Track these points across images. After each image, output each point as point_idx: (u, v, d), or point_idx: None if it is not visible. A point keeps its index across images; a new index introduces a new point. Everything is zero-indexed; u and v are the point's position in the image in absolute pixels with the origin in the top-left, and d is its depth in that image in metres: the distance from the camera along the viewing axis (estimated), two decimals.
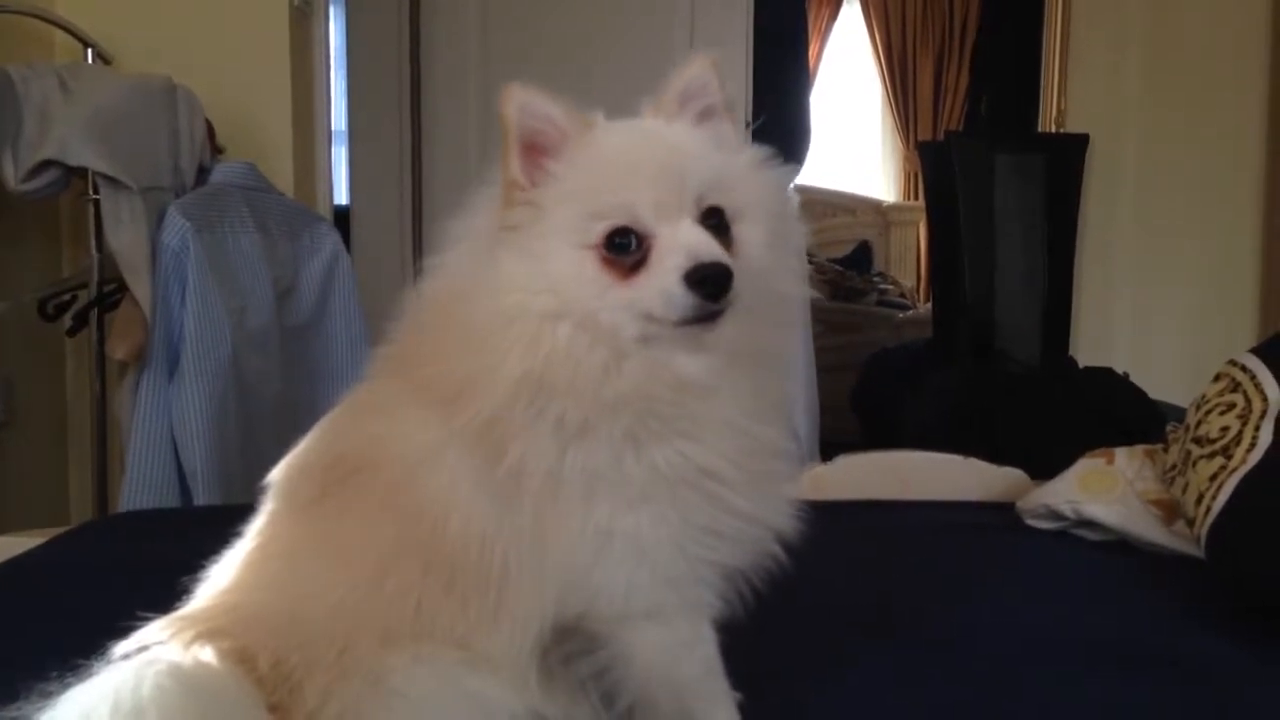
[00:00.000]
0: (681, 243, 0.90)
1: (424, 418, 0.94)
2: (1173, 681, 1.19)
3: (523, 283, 0.92)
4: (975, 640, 1.30)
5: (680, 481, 0.92)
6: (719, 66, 1.01)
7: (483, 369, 0.91)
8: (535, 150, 0.94)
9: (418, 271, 1.01)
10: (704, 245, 0.90)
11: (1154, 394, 3.26)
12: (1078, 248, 3.91)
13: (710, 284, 0.89)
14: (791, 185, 1.11)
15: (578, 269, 0.91)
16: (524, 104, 0.93)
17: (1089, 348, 3.90)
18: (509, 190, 0.94)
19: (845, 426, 4.41)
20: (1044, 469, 1.93)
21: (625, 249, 0.91)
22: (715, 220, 0.94)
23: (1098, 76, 3.97)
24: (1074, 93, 3.97)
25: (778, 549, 0.99)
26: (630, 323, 0.91)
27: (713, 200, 0.94)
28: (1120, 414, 3.10)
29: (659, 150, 0.96)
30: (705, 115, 1.00)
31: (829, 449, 2.72)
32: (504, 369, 0.90)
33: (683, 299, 0.89)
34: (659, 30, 3.77)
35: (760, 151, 1.01)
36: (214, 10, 2.95)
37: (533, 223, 0.93)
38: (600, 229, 0.91)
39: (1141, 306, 4.02)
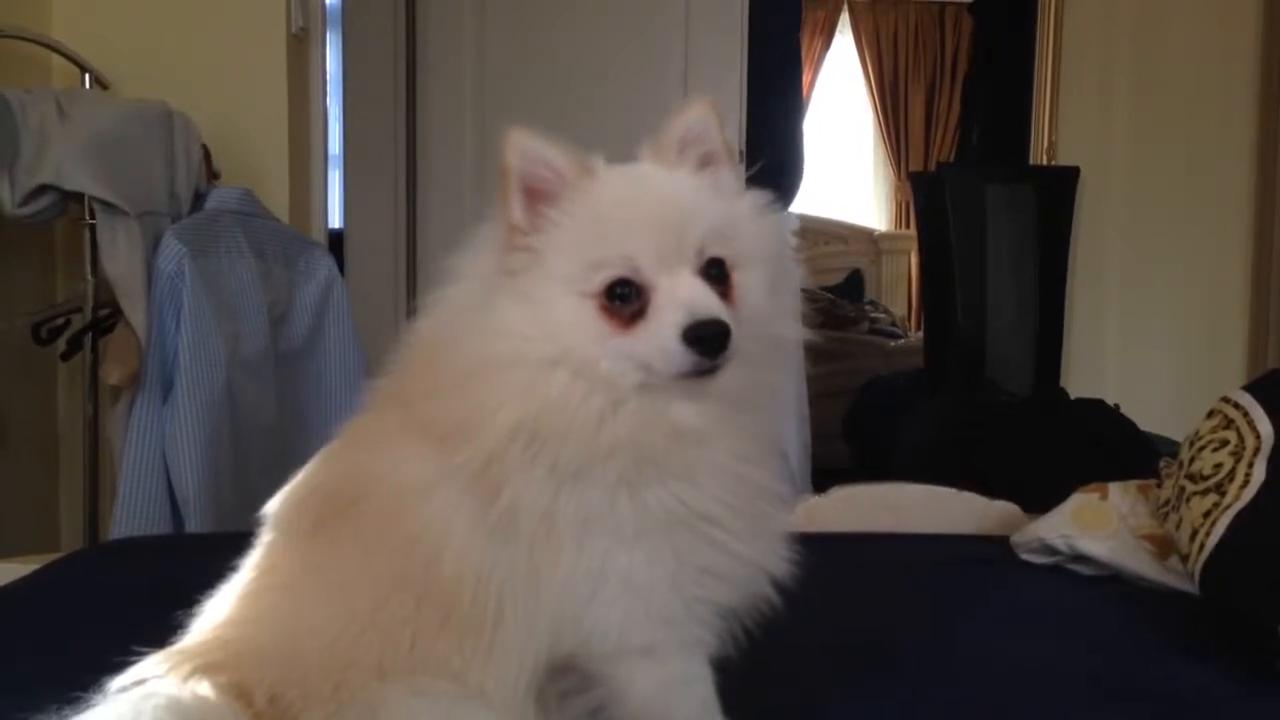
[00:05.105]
0: (681, 298, 0.90)
1: (418, 452, 0.94)
2: (1168, 714, 1.20)
3: (520, 329, 0.91)
4: (974, 673, 1.30)
5: (675, 523, 0.92)
6: (718, 108, 1.01)
7: (477, 412, 0.91)
8: (536, 196, 0.93)
9: (411, 297, 1.01)
10: (703, 301, 0.90)
11: (1144, 426, 3.27)
12: (1068, 279, 3.93)
13: (708, 343, 0.89)
14: (791, 223, 1.11)
15: (577, 317, 0.91)
16: (525, 149, 0.93)
17: (1080, 379, 3.92)
18: (509, 235, 0.94)
19: (837, 454, 4.42)
20: (1034, 499, 1.93)
21: (625, 299, 0.91)
22: (715, 270, 0.93)
23: (1088, 110, 4.00)
24: (1065, 126, 4.01)
25: (771, 590, 0.99)
26: (630, 371, 0.91)
27: (714, 251, 0.93)
28: (1111, 446, 3.11)
29: (660, 200, 0.95)
30: (705, 161, 0.99)
31: (820, 476, 2.73)
32: (499, 414, 0.90)
33: (681, 356, 0.89)
34: (655, 57, 3.78)
35: (760, 197, 1.01)
36: (212, 36, 2.96)
37: (532, 269, 0.92)
38: (600, 279, 0.91)
39: (1132, 338, 4.04)
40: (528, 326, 0.91)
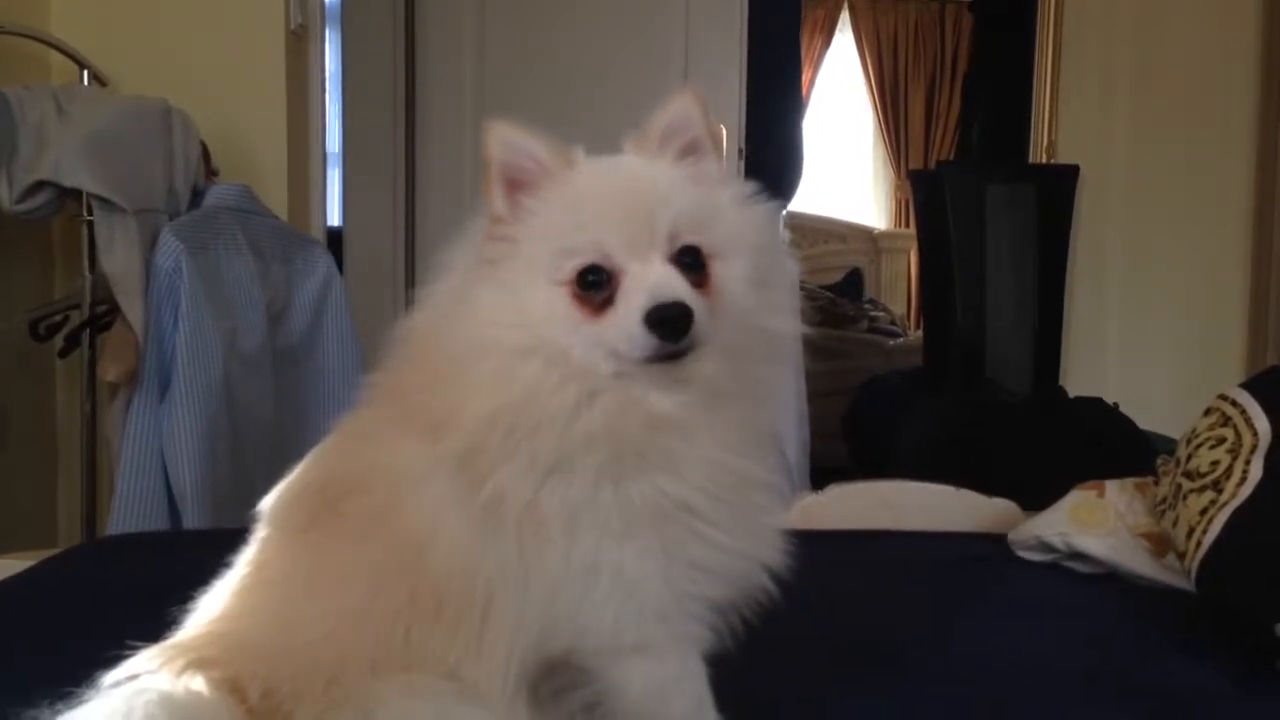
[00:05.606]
0: (646, 283, 0.90)
1: (411, 446, 0.94)
2: (1165, 711, 1.20)
3: (497, 317, 0.92)
4: (971, 670, 1.30)
5: (660, 516, 0.92)
6: (703, 99, 1.00)
7: (459, 401, 0.91)
8: (516, 186, 0.94)
9: (410, 295, 1.01)
10: (667, 285, 0.90)
11: (1143, 425, 3.27)
12: (1068, 278, 3.93)
13: (668, 325, 0.88)
14: (781, 218, 1.11)
15: (550, 305, 0.91)
16: (505, 140, 0.94)
17: (1079, 377, 3.91)
18: (491, 224, 0.95)
19: (835, 452, 4.41)
20: (1033, 498, 1.93)
21: (596, 286, 0.91)
22: (689, 259, 0.93)
23: (1088, 109, 4.00)
24: (1064, 125, 4.01)
25: (766, 582, 0.98)
26: (601, 359, 0.90)
27: (687, 239, 0.93)
28: (1110, 444, 3.11)
29: (633, 188, 0.95)
30: (688, 151, 0.99)
31: (819, 474, 2.73)
32: (478, 402, 0.90)
33: (643, 339, 0.89)
34: (655, 57, 3.79)
35: (745, 187, 1.01)
36: (210, 33, 2.97)
37: (509, 258, 0.93)
38: (572, 266, 0.91)
39: (1130, 337, 4.04)
40: (504, 314, 0.92)
